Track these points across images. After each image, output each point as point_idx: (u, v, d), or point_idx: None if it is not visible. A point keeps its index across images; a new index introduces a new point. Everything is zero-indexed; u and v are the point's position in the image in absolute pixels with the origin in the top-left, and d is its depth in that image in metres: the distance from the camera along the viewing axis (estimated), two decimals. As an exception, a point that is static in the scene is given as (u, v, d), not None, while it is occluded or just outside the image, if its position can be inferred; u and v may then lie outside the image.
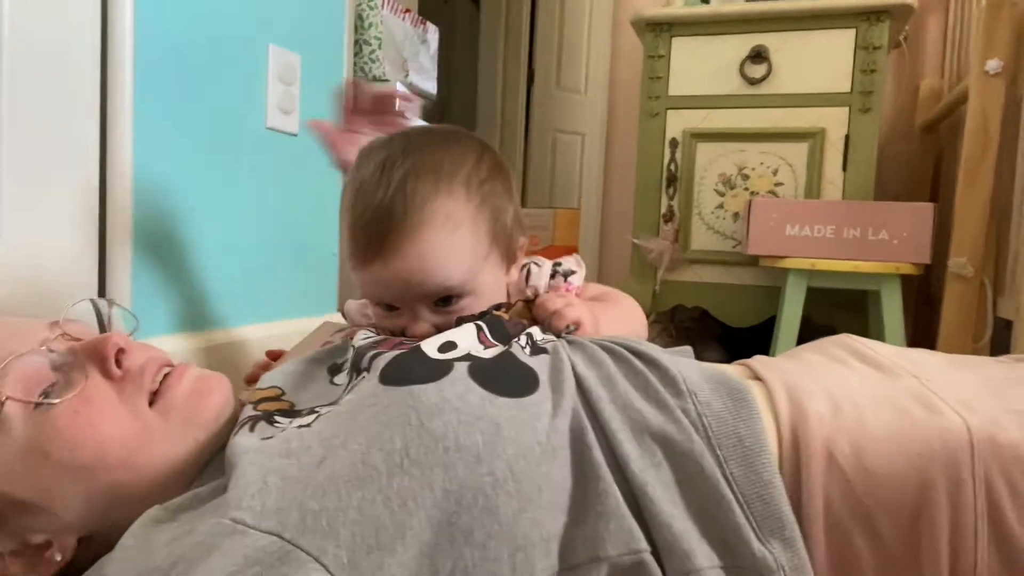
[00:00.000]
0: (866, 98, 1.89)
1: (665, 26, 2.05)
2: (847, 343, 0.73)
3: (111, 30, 0.92)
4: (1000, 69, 1.56)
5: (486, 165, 0.70)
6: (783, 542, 0.52)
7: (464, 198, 0.67)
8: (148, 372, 0.59)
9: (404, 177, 0.65)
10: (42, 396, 0.54)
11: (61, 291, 0.88)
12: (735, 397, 0.59)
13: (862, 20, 1.89)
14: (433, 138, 0.70)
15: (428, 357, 0.56)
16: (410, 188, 0.65)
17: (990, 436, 0.54)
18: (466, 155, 0.69)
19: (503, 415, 0.50)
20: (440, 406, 0.49)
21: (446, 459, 0.47)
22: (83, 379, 0.56)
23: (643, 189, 2.11)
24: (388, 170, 0.65)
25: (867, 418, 0.57)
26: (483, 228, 0.68)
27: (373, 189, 0.65)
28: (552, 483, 0.50)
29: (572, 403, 0.55)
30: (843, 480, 0.54)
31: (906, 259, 1.72)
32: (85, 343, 0.58)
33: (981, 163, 1.58)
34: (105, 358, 0.57)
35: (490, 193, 0.69)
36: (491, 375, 0.53)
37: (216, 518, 0.44)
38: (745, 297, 2.03)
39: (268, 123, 1.21)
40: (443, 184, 0.66)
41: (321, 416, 0.52)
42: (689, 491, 0.54)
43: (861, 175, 1.92)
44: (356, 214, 0.65)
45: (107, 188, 0.94)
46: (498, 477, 0.47)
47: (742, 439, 0.55)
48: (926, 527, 0.53)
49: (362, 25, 2.05)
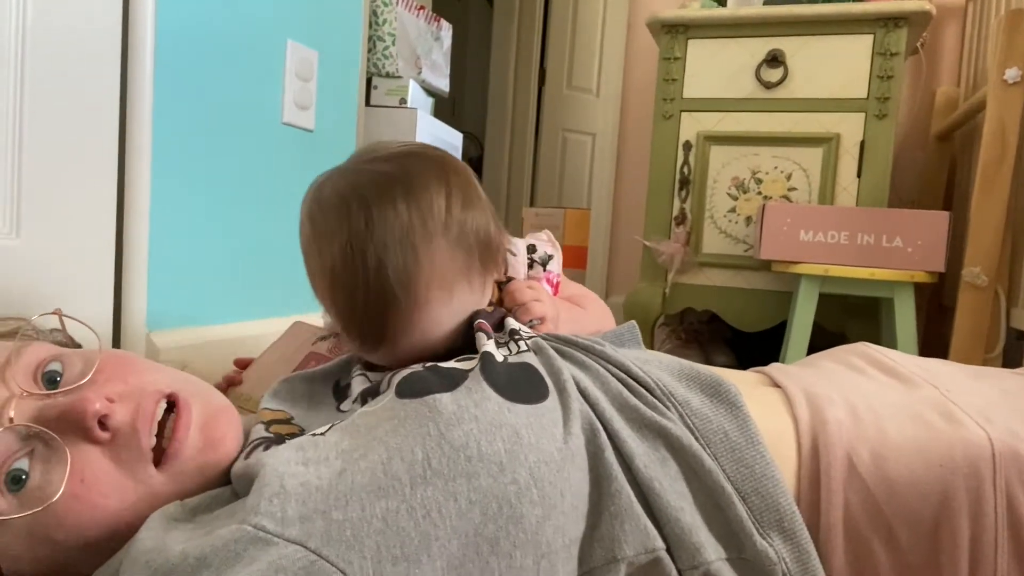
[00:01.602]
0: (882, 104, 1.88)
1: (681, 28, 2.04)
2: (864, 352, 0.73)
3: (132, 27, 0.93)
4: (1019, 78, 1.55)
5: (455, 190, 0.62)
6: (783, 534, 0.52)
7: (448, 254, 0.60)
8: (142, 429, 0.52)
9: (380, 260, 0.57)
10: (9, 481, 0.48)
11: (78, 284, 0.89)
12: (710, 392, 0.59)
13: (880, 26, 1.87)
14: (392, 185, 0.60)
15: (441, 367, 0.55)
16: (393, 268, 0.57)
17: (1011, 448, 0.54)
18: (433, 197, 0.60)
19: (522, 422, 0.49)
20: (459, 415, 0.48)
21: (469, 469, 0.46)
22: (65, 456, 0.49)
23: (655, 191, 2.10)
24: (359, 252, 0.57)
25: (887, 427, 0.57)
26: (476, 266, 0.62)
27: (353, 275, 0.58)
28: (572, 488, 0.50)
29: (579, 405, 0.55)
30: (863, 489, 0.54)
31: (920, 267, 1.71)
32: (60, 412, 0.50)
33: (998, 172, 1.57)
34: (87, 429, 0.49)
35: (469, 224, 0.62)
36: (505, 381, 0.52)
37: (237, 523, 0.43)
38: (756, 301, 2.02)
39: (284, 118, 1.22)
40: (422, 248, 0.58)
41: (336, 427, 0.51)
42: (694, 484, 0.54)
43: (876, 181, 1.90)
44: (342, 303, 0.60)
45: (125, 183, 0.94)
46: (521, 485, 0.47)
47: (728, 434, 0.56)
48: (946, 538, 0.53)
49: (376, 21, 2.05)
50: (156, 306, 0.97)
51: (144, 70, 0.94)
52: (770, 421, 0.60)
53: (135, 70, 0.93)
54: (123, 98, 0.93)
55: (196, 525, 0.48)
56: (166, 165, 0.98)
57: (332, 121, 1.33)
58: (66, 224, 0.87)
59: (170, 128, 0.98)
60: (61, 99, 0.85)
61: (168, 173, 0.99)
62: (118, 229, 0.94)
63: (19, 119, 0.80)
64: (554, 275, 0.74)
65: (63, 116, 0.85)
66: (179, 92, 1.00)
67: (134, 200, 0.95)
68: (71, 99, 0.86)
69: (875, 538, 0.54)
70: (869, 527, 0.54)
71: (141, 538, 0.46)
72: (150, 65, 0.94)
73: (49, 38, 0.83)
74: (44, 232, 0.84)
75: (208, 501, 0.51)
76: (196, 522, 0.48)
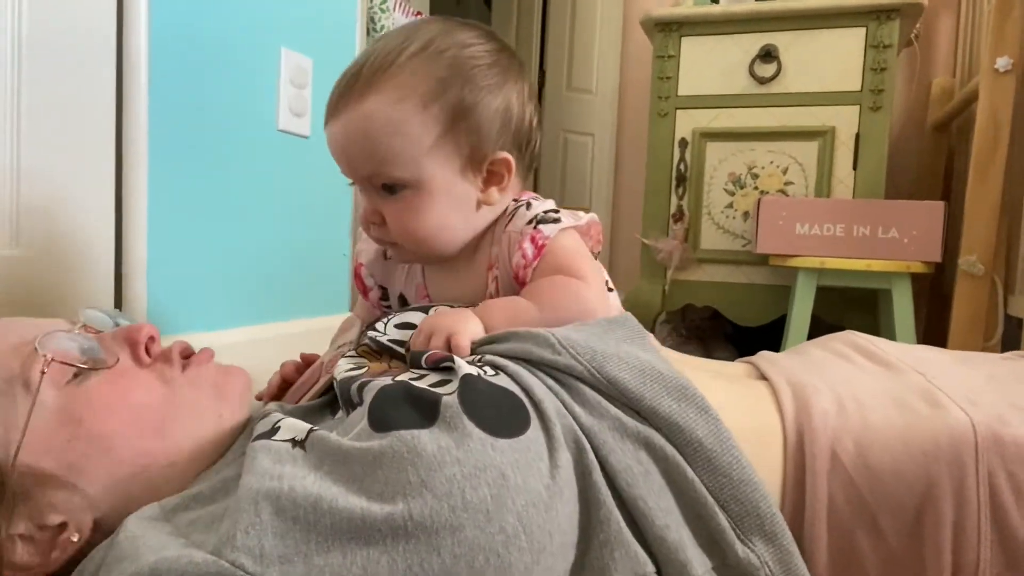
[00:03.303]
0: (876, 96, 1.89)
1: (675, 26, 2.05)
2: (852, 340, 0.73)
3: (126, 33, 0.94)
4: (1010, 67, 1.55)
5: (482, 50, 0.65)
6: (764, 537, 0.51)
7: (424, 73, 0.62)
8: (175, 352, 0.62)
9: (386, 44, 0.63)
10: (72, 374, 0.55)
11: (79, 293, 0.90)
12: (678, 396, 0.55)
13: (872, 19, 1.88)
14: (451, 20, 0.67)
15: (414, 387, 0.51)
16: (380, 52, 0.63)
17: (994, 432, 0.54)
18: (462, 37, 0.65)
19: (506, 460, 0.46)
20: (440, 458, 0.45)
21: (453, 520, 0.43)
22: (114, 360, 0.58)
23: (653, 189, 2.11)
24: (384, 36, 0.65)
25: (871, 415, 0.57)
26: (435, 110, 0.62)
27: (365, 51, 0.64)
28: (561, 524, 0.48)
29: (561, 423, 0.51)
30: (847, 480, 0.54)
31: (916, 257, 1.72)
32: (118, 330, 0.62)
33: (991, 161, 1.57)
34: (136, 343, 0.60)
35: (466, 78, 0.63)
36: (485, 411, 0.48)
37: (213, 551, 0.42)
38: (755, 296, 2.03)
39: (280, 125, 1.23)
40: (412, 54, 0.62)
41: (315, 438, 0.49)
42: (677, 495, 0.52)
43: (871, 173, 1.91)
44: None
45: (123, 191, 0.96)
46: (509, 533, 0.44)
47: (701, 442, 0.53)
48: (930, 525, 0.53)
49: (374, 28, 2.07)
50: (155, 313, 0.98)
51: (139, 79, 0.95)
52: (755, 417, 0.59)
53: (130, 79, 0.95)
54: (119, 107, 0.95)
55: (173, 529, 0.48)
56: (163, 173, 1.00)
57: (328, 127, 1.35)
58: (65, 233, 0.89)
59: (166, 136, 1.00)
60: (57, 109, 0.87)
61: (165, 181, 1.00)
62: (116, 238, 0.96)
63: (16, 129, 0.82)
64: (541, 237, 0.65)
65: (60, 126, 0.87)
66: (174, 100, 1.01)
67: (131, 209, 0.96)
68: (67, 109, 0.88)
69: (859, 529, 0.54)
70: (853, 518, 0.54)
71: (118, 541, 0.47)
72: (145, 74, 0.96)
73: (45, 47, 0.84)
74: (43, 242, 0.86)
75: (188, 501, 0.51)
76: (173, 523, 0.49)
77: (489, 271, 0.70)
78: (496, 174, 0.67)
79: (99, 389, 0.56)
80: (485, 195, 0.67)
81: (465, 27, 0.67)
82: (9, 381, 0.54)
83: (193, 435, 0.59)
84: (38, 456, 0.52)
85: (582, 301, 0.64)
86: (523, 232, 0.66)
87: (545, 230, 0.65)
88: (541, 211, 0.67)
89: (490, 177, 0.67)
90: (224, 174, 1.13)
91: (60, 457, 0.53)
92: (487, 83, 0.64)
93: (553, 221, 0.66)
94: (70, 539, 0.53)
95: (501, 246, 0.68)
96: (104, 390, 0.56)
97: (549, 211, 0.68)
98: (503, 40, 0.69)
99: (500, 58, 0.67)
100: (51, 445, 0.53)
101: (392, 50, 0.63)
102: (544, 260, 0.65)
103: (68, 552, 0.53)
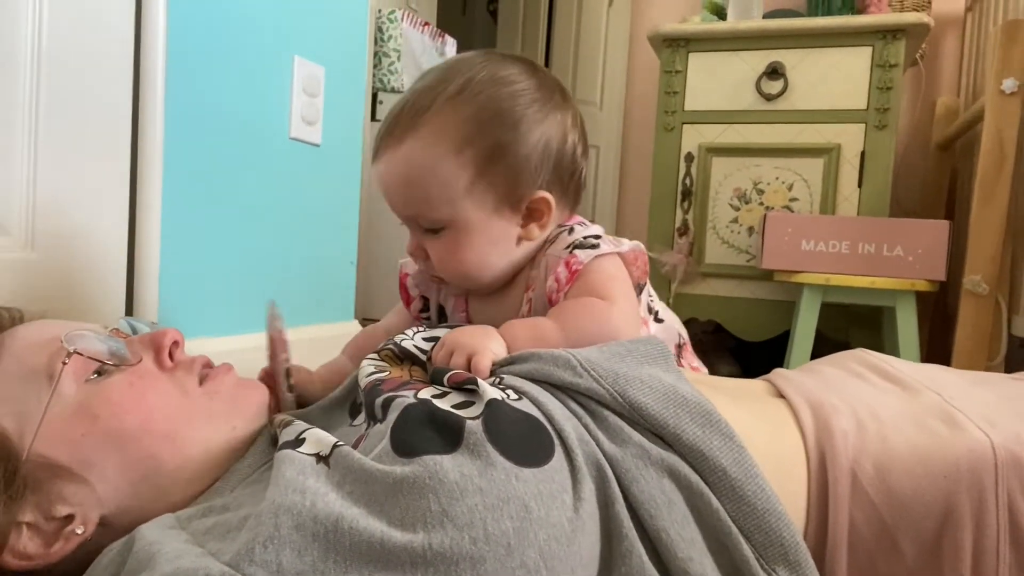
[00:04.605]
0: (882, 115, 1.90)
1: (682, 42, 2.06)
2: (864, 358, 0.72)
3: (143, 45, 0.95)
4: (1016, 88, 1.56)
5: (521, 88, 0.65)
6: (788, 566, 0.51)
7: (459, 117, 0.63)
8: (197, 363, 0.63)
9: (425, 84, 0.65)
10: (95, 373, 0.57)
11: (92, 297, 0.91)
12: (702, 423, 0.53)
13: (878, 38, 1.90)
14: (493, 55, 0.68)
15: (439, 409, 0.50)
16: (419, 93, 0.64)
17: (1013, 454, 0.54)
18: (503, 74, 0.65)
19: (530, 492, 0.45)
20: (462, 487, 0.44)
21: (474, 552, 0.42)
22: (138, 359, 0.59)
23: (658, 202, 2.12)
24: (427, 74, 0.66)
25: (891, 435, 0.57)
26: (469, 154, 0.63)
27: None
28: (583, 558, 0.47)
29: (583, 451, 0.50)
30: (868, 503, 0.54)
31: (921, 276, 1.72)
32: (143, 334, 0.63)
33: (997, 181, 1.58)
34: (161, 347, 0.61)
35: (501, 119, 0.63)
36: (510, 437, 0.48)
37: (230, 564, 0.42)
38: (759, 311, 2.03)
39: (292, 133, 1.24)
40: (449, 96, 0.63)
41: (339, 454, 0.49)
42: (702, 524, 0.51)
43: (876, 191, 1.92)
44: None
45: (137, 198, 0.96)
46: (530, 568, 0.43)
47: (726, 470, 0.51)
48: (949, 549, 0.53)
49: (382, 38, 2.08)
50: (166, 318, 0.98)
51: (155, 86, 0.96)
52: (778, 441, 0.58)
53: (147, 86, 0.96)
54: (135, 114, 0.95)
55: (189, 537, 0.48)
56: (177, 180, 1.00)
57: (338, 136, 1.35)
58: (79, 238, 0.89)
59: (180, 143, 1.00)
60: (74, 116, 0.87)
61: (179, 187, 1.01)
62: (129, 242, 0.96)
63: (34, 135, 0.82)
64: (576, 262, 0.65)
65: (77, 132, 0.88)
66: (189, 107, 1.02)
67: (145, 214, 0.97)
68: (84, 116, 0.89)
69: (879, 552, 0.53)
70: (873, 541, 0.53)
71: (135, 550, 0.47)
72: (161, 81, 0.96)
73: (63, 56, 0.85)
74: (57, 245, 0.86)
75: (202, 511, 0.51)
76: (189, 531, 0.49)
77: (525, 292, 0.70)
78: (536, 211, 0.67)
79: (118, 389, 0.57)
80: (525, 231, 0.68)
81: (507, 62, 0.67)
82: (34, 372, 0.55)
83: (205, 444, 0.59)
84: (52, 447, 0.53)
85: (606, 322, 0.63)
86: (559, 257, 0.66)
87: (580, 255, 0.65)
88: (581, 237, 0.67)
89: (530, 214, 0.67)
90: (236, 181, 1.13)
91: (74, 450, 0.54)
92: (524, 122, 0.64)
93: (591, 247, 0.66)
94: (75, 531, 0.53)
95: (539, 269, 0.69)
96: (123, 390, 0.57)
97: (589, 236, 0.68)
98: (546, 71, 0.69)
99: (540, 92, 0.66)
100: (66, 437, 0.54)
101: (430, 92, 0.64)
102: (576, 284, 0.65)
103: (71, 545, 0.53)
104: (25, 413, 0.53)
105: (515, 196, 0.66)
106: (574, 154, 0.69)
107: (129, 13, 0.93)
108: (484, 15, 3.89)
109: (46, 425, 0.53)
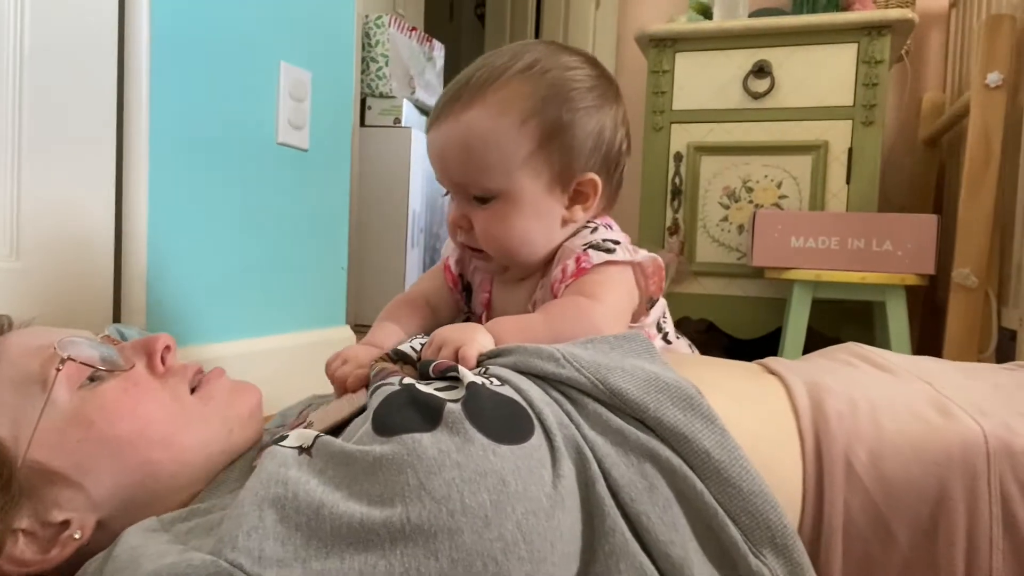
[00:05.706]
0: (869, 111, 1.91)
1: (669, 42, 2.07)
2: (855, 350, 0.73)
3: (128, 46, 0.95)
4: (1000, 82, 1.57)
5: (583, 74, 0.69)
6: (775, 550, 0.51)
7: (527, 90, 0.66)
8: (189, 369, 0.63)
9: (494, 59, 0.67)
10: (88, 379, 0.57)
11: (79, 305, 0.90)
12: (683, 406, 0.54)
13: (864, 35, 1.91)
14: (555, 44, 0.72)
15: (421, 392, 0.51)
16: (488, 67, 0.67)
17: (1005, 442, 0.54)
18: (566, 60, 0.69)
19: (507, 467, 0.46)
20: (440, 461, 0.45)
21: (451, 524, 0.43)
22: (130, 365, 0.59)
23: (648, 202, 2.12)
24: (493, 53, 0.69)
25: (884, 420, 0.57)
26: (531, 126, 0.66)
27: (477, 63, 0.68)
28: (563, 534, 0.47)
29: (563, 434, 0.51)
30: (862, 490, 0.54)
31: (910, 270, 1.73)
32: (135, 340, 0.63)
33: (983, 175, 1.59)
34: (153, 352, 0.61)
35: (565, 98, 0.67)
36: (489, 417, 0.48)
37: (212, 551, 0.42)
38: (751, 309, 2.03)
39: (279, 138, 1.23)
40: (517, 71, 0.66)
41: (320, 443, 0.49)
42: (687, 507, 0.51)
43: (864, 187, 1.93)
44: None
45: (122, 204, 0.96)
46: (508, 541, 0.44)
47: (709, 452, 0.52)
48: (943, 534, 0.53)
49: (369, 43, 2.08)
50: (154, 324, 0.98)
51: (140, 92, 0.95)
52: (772, 421, 0.59)
53: (131, 92, 0.95)
54: (120, 120, 0.95)
55: (172, 537, 0.48)
56: (163, 185, 1.00)
57: (326, 141, 1.35)
58: (65, 245, 0.88)
59: (166, 150, 1.00)
60: (58, 122, 0.87)
61: (165, 193, 1.00)
62: (116, 250, 0.95)
63: (17, 142, 0.82)
64: (587, 260, 0.67)
65: (61, 139, 0.87)
66: (175, 113, 1.02)
67: (131, 221, 0.96)
68: (68, 121, 0.88)
69: (874, 538, 0.54)
70: (868, 527, 0.54)
71: (116, 554, 0.47)
72: (146, 87, 0.96)
73: (46, 60, 0.84)
74: (43, 254, 0.86)
75: (185, 514, 0.51)
76: (172, 532, 0.48)
77: (540, 279, 0.73)
78: (583, 193, 0.70)
79: (112, 395, 0.57)
80: (570, 212, 0.71)
81: (569, 51, 0.71)
82: (27, 379, 0.55)
83: (201, 448, 0.59)
84: (47, 453, 0.53)
85: (586, 318, 0.64)
86: (574, 250, 0.69)
87: (593, 256, 0.67)
88: (600, 238, 0.70)
89: (576, 196, 0.70)
90: (224, 186, 1.13)
91: (69, 456, 0.54)
92: (584, 105, 0.68)
93: (606, 251, 0.68)
94: (72, 537, 0.53)
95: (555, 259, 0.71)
96: (117, 396, 0.57)
97: (608, 240, 0.69)
98: (604, 66, 0.73)
99: (600, 83, 0.70)
100: (61, 444, 0.54)
101: (499, 66, 0.67)
102: (576, 281, 0.67)
103: (68, 550, 0.53)
104: (19, 420, 0.53)
105: (567, 175, 0.69)
106: (621, 147, 0.73)
107: (112, 20, 0.93)
108: (472, 19, 3.90)
109: (40, 431, 0.53)
